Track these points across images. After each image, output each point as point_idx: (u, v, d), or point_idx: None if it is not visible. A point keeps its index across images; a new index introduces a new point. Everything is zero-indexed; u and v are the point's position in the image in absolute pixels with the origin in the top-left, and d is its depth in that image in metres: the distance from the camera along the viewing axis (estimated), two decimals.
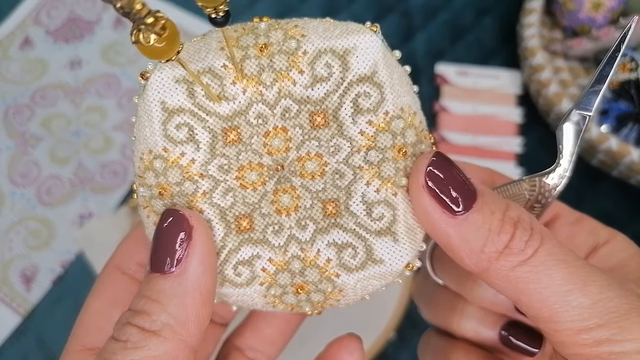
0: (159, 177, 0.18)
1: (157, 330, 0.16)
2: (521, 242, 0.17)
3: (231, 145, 0.18)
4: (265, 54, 0.18)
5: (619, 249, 0.20)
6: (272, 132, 0.18)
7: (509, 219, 0.17)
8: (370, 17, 0.61)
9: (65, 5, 0.63)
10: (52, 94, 0.57)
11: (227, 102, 0.18)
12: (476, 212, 0.17)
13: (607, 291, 0.16)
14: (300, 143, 0.18)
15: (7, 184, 0.52)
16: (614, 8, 0.54)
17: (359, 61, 0.18)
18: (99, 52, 0.60)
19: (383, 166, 0.18)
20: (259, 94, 0.18)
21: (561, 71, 0.56)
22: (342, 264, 0.19)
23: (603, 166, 0.50)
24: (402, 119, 0.18)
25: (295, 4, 0.62)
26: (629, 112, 0.49)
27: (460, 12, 0.61)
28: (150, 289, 0.16)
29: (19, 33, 0.61)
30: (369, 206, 0.18)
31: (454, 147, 0.53)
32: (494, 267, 0.17)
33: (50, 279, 0.48)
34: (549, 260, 0.16)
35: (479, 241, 0.17)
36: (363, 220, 0.18)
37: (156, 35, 0.15)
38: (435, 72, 0.57)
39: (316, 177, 0.18)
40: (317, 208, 0.18)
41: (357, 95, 0.18)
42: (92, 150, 0.54)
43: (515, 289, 0.17)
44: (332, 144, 0.18)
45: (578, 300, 0.16)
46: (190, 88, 0.18)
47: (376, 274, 0.19)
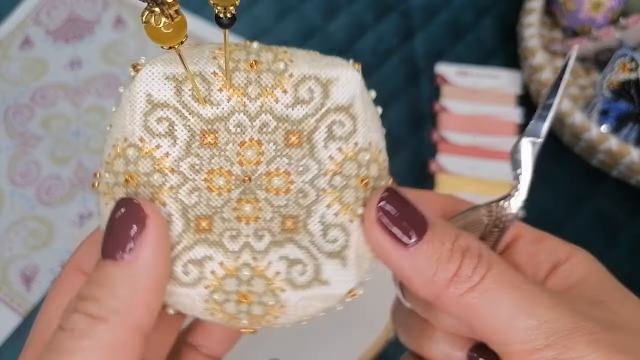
0: (128, 165, 0.19)
1: (104, 316, 0.16)
2: (469, 269, 0.18)
3: (206, 147, 0.19)
4: (254, 70, 0.19)
5: (578, 266, 0.21)
6: (247, 143, 0.19)
7: (457, 248, 0.18)
8: (370, 17, 0.61)
9: (65, 5, 0.63)
10: (52, 94, 0.57)
11: (211, 106, 0.19)
12: (426, 243, 0.18)
13: (553, 312, 0.17)
14: (271, 158, 0.19)
15: (7, 183, 0.52)
16: (614, 8, 0.54)
17: (339, 92, 0.19)
18: (99, 52, 0.60)
19: (345, 192, 0.19)
20: (242, 104, 0.19)
21: None
22: (289, 279, 0.19)
23: (603, 166, 0.50)
24: (369, 152, 0.19)
25: (295, 4, 0.62)
26: (629, 112, 0.49)
27: (460, 12, 0.61)
28: (100, 276, 0.16)
29: (19, 33, 0.61)
30: (325, 227, 0.19)
31: (454, 147, 0.53)
32: (445, 295, 0.18)
33: (50, 278, 0.48)
34: (496, 286, 0.17)
35: (429, 271, 0.18)
36: (318, 240, 0.19)
37: (167, 19, 0.16)
38: (435, 72, 0.57)
39: (280, 193, 0.19)
40: (277, 221, 0.19)
41: (332, 122, 0.19)
42: (92, 150, 0.54)
43: (467, 314, 0.18)
44: (302, 164, 0.19)
45: (525, 322, 0.17)
46: (178, 86, 0.19)
47: (320, 295, 0.20)
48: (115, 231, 0.17)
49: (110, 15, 0.62)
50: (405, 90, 0.57)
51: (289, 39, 0.60)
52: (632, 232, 0.49)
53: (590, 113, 0.50)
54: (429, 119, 0.55)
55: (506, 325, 0.17)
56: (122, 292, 0.16)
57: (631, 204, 0.50)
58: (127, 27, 0.61)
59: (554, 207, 0.50)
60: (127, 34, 0.61)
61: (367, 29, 0.61)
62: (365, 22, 0.61)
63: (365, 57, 0.59)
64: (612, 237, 0.49)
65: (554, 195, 0.51)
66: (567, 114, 0.49)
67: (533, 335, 0.17)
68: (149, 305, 0.17)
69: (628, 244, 0.49)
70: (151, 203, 0.18)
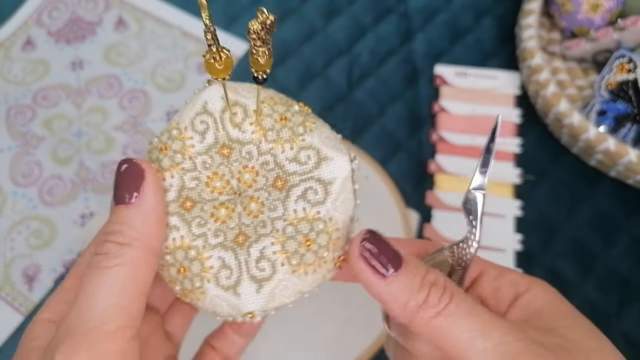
0: (168, 140, 0.24)
1: (129, 242, 0.21)
2: (435, 298, 0.21)
3: (221, 156, 0.24)
4: (281, 123, 0.24)
5: (536, 297, 0.24)
6: (249, 168, 0.24)
7: (426, 281, 0.21)
8: (370, 18, 0.62)
9: (66, 6, 0.63)
10: (54, 95, 0.57)
11: (238, 130, 0.24)
12: (402, 275, 0.21)
13: (506, 336, 0.20)
14: (258, 188, 0.24)
15: (8, 183, 0.53)
16: (612, 9, 0.54)
17: (327, 169, 0.23)
18: (101, 53, 0.60)
19: (289, 241, 0.23)
20: (259, 141, 0.24)
21: (559, 72, 0.56)
22: (216, 275, 0.23)
23: (601, 166, 0.51)
24: (325, 223, 0.23)
25: (295, 5, 0.62)
26: (627, 112, 0.49)
27: (459, 14, 0.61)
28: (119, 216, 0.22)
29: (21, 34, 0.61)
30: (261, 257, 0.23)
31: (452, 147, 0.53)
32: (417, 318, 0.21)
33: (52, 278, 0.48)
34: (458, 311, 0.21)
35: (404, 297, 0.21)
36: (251, 262, 0.23)
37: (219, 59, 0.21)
38: (434, 73, 0.57)
39: (251, 215, 0.23)
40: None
41: (310, 187, 0.23)
42: (93, 150, 0.54)
43: (435, 335, 0.21)
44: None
45: (483, 344, 0.20)
46: (226, 107, 0.24)
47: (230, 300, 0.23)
48: (123, 182, 0.22)
49: (112, 16, 0.62)
50: (404, 90, 0.57)
51: (289, 39, 0.60)
52: (630, 232, 0.49)
53: (588, 114, 0.50)
54: (428, 119, 0.55)
55: (467, 345, 0.20)
56: (137, 225, 0.21)
57: (629, 204, 0.50)
58: (129, 28, 0.62)
59: (552, 207, 0.51)
60: (128, 35, 0.61)
61: (367, 30, 0.61)
62: (365, 24, 0.61)
63: (365, 57, 0.59)
64: (610, 237, 0.49)
65: (552, 195, 0.51)
66: (565, 115, 0.49)
67: (489, 355, 0.20)
68: (157, 233, 0.22)
69: (626, 243, 0.49)
70: (145, 160, 0.23)
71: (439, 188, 0.51)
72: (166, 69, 0.59)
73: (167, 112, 0.56)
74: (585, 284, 0.48)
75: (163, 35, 0.61)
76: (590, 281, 0.48)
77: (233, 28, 0.61)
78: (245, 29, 0.70)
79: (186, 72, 0.59)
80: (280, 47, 0.60)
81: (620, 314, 0.46)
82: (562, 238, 0.50)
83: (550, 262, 0.48)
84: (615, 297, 0.47)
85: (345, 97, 0.57)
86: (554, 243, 0.49)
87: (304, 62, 0.59)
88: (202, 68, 0.59)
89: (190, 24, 0.61)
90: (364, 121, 0.56)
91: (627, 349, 0.46)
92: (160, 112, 0.56)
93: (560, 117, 0.49)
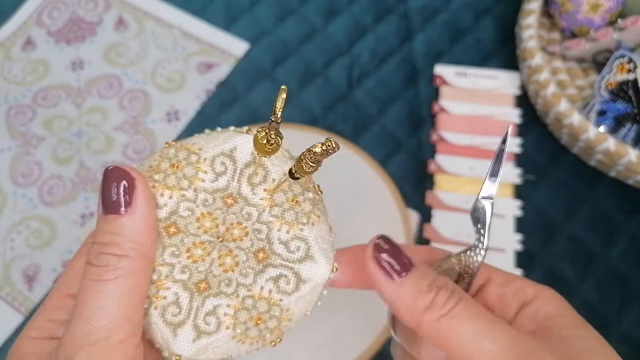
0: (184, 160, 0.24)
1: (126, 253, 0.21)
2: (442, 300, 0.21)
3: (223, 202, 0.24)
4: (291, 204, 0.24)
5: (544, 305, 0.24)
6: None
7: (435, 284, 0.22)
8: (370, 18, 0.62)
9: (66, 6, 0.63)
10: (54, 95, 0.57)
11: (251, 190, 0.25)
12: (411, 277, 0.22)
13: (511, 340, 0.20)
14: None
15: (9, 183, 0.53)
16: (612, 9, 0.54)
17: (309, 269, 0.24)
18: (101, 53, 0.60)
19: (243, 312, 0.24)
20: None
21: (559, 72, 0.56)
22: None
23: (600, 166, 0.51)
24: (281, 312, 0.24)
25: (295, 6, 0.62)
26: (627, 112, 0.49)
27: (459, 14, 0.62)
28: (112, 226, 0.22)
29: (21, 34, 0.61)
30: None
31: (452, 147, 0.53)
32: (423, 319, 0.21)
33: (52, 278, 0.49)
34: (463, 314, 0.21)
35: (412, 299, 0.22)
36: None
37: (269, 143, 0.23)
38: (434, 73, 0.57)
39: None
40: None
41: (285, 275, 0.24)
42: (93, 150, 0.54)
43: (441, 337, 0.21)
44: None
45: (488, 346, 0.20)
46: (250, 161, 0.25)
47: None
48: (113, 190, 0.22)
49: (112, 16, 0.62)
50: (404, 91, 0.57)
51: (289, 40, 0.60)
52: (630, 232, 0.49)
53: (588, 114, 0.50)
54: (428, 119, 0.55)
55: (472, 347, 0.20)
56: (132, 235, 0.22)
57: (629, 204, 0.50)
58: (129, 28, 0.62)
59: (552, 207, 0.51)
60: (128, 35, 0.61)
61: (367, 30, 0.61)
62: (365, 24, 0.61)
63: (365, 57, 0.59)
64: (609, 237, 0.49)
65: (552, 195, 0.51)
66: (565, 115, 0.49)
67: (494, 356, 0.20)
68: (151, 241, 0.22)
69: (625, 243, 0.49)
70: (134, 168, 0.23)
71: (439, 188, 0.51)
72: (166, 69, 0.59)
73: (167, 112, 0.56)
74: (584, 283, 0.48)
75: (163, 36, 0.61)
76: (590, 281, 0.48)
77: (233, 28, 0.61)
78: (245, 30, 0.70)
79: (186, 72, 0.59)
80: (280, 47, 0.60)
81: (619, 313, 0.46)
82: (562, 238, 0.50)
83: (550, 262, 0.48)
84: (615, 296, 0.47)
85: (345, 96, 0.57)
86: (554, 243, 0.49)
87: (304, 62, 0.59)
88: (201, 68, 0.59)
89: (191, 24, 0.61)
90: (364, 121, 0.56)
91: (626, 348, 0.46)
92: (160, 112, 0.56)
93: (560, 117, 0.49)
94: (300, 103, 0.57)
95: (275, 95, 0.23)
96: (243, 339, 0.24)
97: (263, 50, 0.60)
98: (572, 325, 0.23)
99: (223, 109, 0.57)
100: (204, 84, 0.58)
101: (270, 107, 0.23)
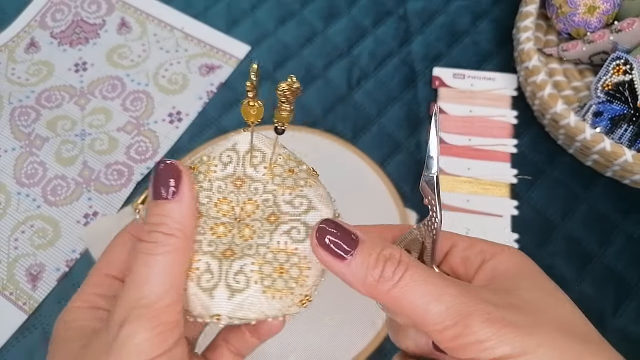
0: (199, 162, 0.29)
1: (173, 232, 0.24)
2: (390, 271, 0.23)
3: (233, 185, 0.29)
4: (288, 173, 0.29)
5: (501, 261, 0.25)
6: (252, 201, 0.28)
7: (381, 256, 0.23)
8: (369, 21, 0.62)
9: (69, 8, 0.64)
10: (57, 96, 0.58)
11: (254, 170, 0.29)
12: (358, 255, 0.24)
13: (456, 299, 0.22)
14: (255, 219, 0.28)
15: (13, 184, 0.53)
16: (609, 11, 0.54)
17: (314, 217, 0.27)
18: (104, 55, 0.61)
19: (266, 265, 0.26)
20: (267, 181, 0.29)
21: (556, 74, 0.57)
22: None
23: (597, 166, 0.51)
24: (299, 259, 0.27)
25: (295, 9, 0.63)
26: (623, 113, 0.50)
27: (457, 17, 0.62)
28: (161, 209, 0.25)
29: (25, 36, 0.62)
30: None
31: (450, 148, 0.54)
32: (377, 292, 0.23)
33: (56, 277, 0.49)
34: (412, 281, 0.22)
35: (362, 275, 0.23)
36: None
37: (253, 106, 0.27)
38: (433, 75, 0.58)
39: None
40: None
41: (295, 227, 0.27)
42: (96, 150, 0.55)
43: (395, 305, 0.23)
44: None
45: (436, 308, 0.22)
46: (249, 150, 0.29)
47: (203, 304, 0.26)
48: (163, 179, 0.25)
49: (115, 18, 0.63)
50: (402, 92, 0.58)
51: (290, 42, 0.61)
52: (626, 231, 0.50)
53: (584, 115, 0.51)
54: (426, 120, 0.56)
55: (423, 310, 0.22)
56: (178, 217, 0.25)
57: (625, 204, 0.51)
58: (131, 30, 0.62)
59: (549, 207, 0.51)
60: (130, 37, 0.62)
61: (366, 33, 0.62)
62: (364, 26, 0.62)
63: (364, 60, 0.60)
64: (605, 236, 0.50)
65: (549, 195, 0.52)
66: (562, 116, 0.49)
67: (442, 317, 0.22)
68: (193, 223, 0.26)
69: (621, 242, 0.50)
70: (179, 162, 0.26)
71: None
72: (168, 70, 0.59)
73: (169, 113, 0.57)
74: (581, 282, 0.48)
75: (165, 38, 0.62)
76: (587, 280, 0.48)
77: (234, 31, 0.62)
78: (246, 33, 0.70)
79: (188, 73, 0.59)
80: (281, 49, 0.61)
81: (616, 311, 0.47)
82: (558, 237, 0.50)
83: (547, 261, 0.49)
84: (611, 295, 0.48)
85: (344, 98, 0.58)
86: (550, 242, 0.50)
87: (304, 64, 0.60)
88: (203, 70, 0.59)
89: (192, 27, 0.62)
90: (363, 122, 0.56)
91: (623, 346, 0.46)
92: (162, 113, 0.57)
93: (557, 118, 0.50)
94: (301, 104, 0.57)
95: (275, 95, 0.26)
96: (272, 292, 0.26)
97: (264, 52, 0.60)
98: (527, 277, 0.25)
99: (224, 110, 0.57)
100: (205, 86, 0.58)
101: (270, 108, 0.27)
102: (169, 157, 0.55)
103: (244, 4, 0.63)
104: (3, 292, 0.49)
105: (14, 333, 0.47)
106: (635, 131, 0.49)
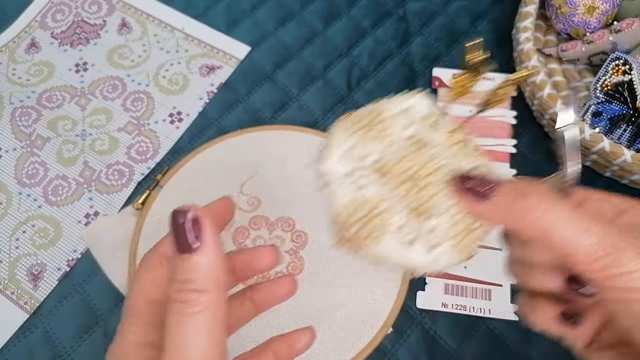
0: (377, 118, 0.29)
1: (205, 288, 0.23)
2: (537, 202, 0.23)
3: (414, 146, 0.29)
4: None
5: (638, 214, 0.26)
6: (431, 164, 0.28)
7: (525, 193, 0.24)
8: (368, 22, 0.62)
9: (70, 9, 0.64)
10: (58, 96, 0.58)
11: (435, 133, 0.30)
12: (499, 195, 0.24)
13: (607, 233, 0.23)
14: (434, 182, 0.28)
15: (14, 184, 0.54)
16: (608, 12, 0.55)
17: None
18: (104, 55, 0.61)
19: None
20: (447, 147, 0.29)
21: (555, 74, 0.57)
22: (397, 232, 0.27)
23: (596, 166, 0.51)
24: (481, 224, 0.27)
25: (295, 10, 0.63)
26: (622, 113, 0.50)
27: (456, 17, 0.62)
28: (189, 264, 0.24)
29: (25, 36, 0.62)
30: (433, 229, 0.27)
31: None
32: (525, 223, 0.24)
33: (57, 277, 0.49)
34: (561, 213, 0.23)
35: (507, 207, 0.24)
36: (424, 231, 0.27)
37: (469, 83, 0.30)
38: (432, 75, 0.58)
39: (437, 173, 0.28)
40: (412, 205, 0.27)
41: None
42: (97, 151, 0.55)
43: (544, 236, 0.23)
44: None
45: (587, 240, 0.22)
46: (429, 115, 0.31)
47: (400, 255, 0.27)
48: (183, 232, 0.24)
49: (115, 19, 0.63)
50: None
51: (290, 43, 0.61)
52: None
53: (584, 115, 0.51)
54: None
55: (574, 242, 0.23)
56: (207, 270, 0.24)
57: None
58: (132, 31, 0.63)
59: None
60: (131, 38, 0.62)
61: (366, 34, 0.62)
62: (364, 27, 0.62)
63: (364, 60, 0.60)
64: None
65: None
66: None
67: (594, 249, 0.22)
68: (223, 270, 0.24)
69: None
70: (198, 207, 0.25)
71: None
72: (169, 71, 0.60)
73: (169, 113, 0.57)
74: None
75: (166, 38, 0.62)
76: None
77: (234, 31, 0.62)
78: (246, 33, 0.70)
79: (188, 74, 0.59)
80: (281, 50, 0.61)
81: None
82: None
83: None
84: None
85: (344, 98, 0.58)
86: None
87: (304, 64, 0.60)
88: (203, 70, 0.60)
89: (193, 27, 0.62)
90: None
91: None
92: (163, 113, 0.57)
93: (556, 118, 0.50)
94: (301, 105, 0.57)
95: (275, 95, 0.24)
96: (461, 248, 0.27)
97: (264, 53, 0.61)
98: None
99: (225, 111, 0.57)
100: (206, 86, 0.59)
101: (270, 108, 0.25)
102: (169, 157, 0.55)
103: (244, 5, 0.63)
104: (4, 292, 0.49)
105: (15, 332, 0.47)
106: (634, 131, 0.49)
